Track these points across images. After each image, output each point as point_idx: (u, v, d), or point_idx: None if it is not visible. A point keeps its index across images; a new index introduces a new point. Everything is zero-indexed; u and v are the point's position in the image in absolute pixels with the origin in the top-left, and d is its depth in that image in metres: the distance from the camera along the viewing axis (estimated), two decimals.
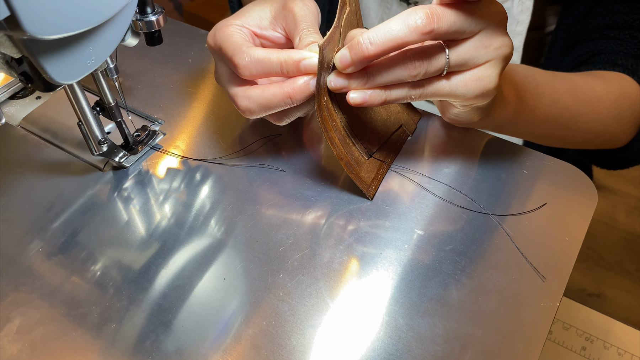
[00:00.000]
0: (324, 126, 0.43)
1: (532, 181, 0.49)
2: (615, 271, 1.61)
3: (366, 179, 0.48)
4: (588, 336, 0.65)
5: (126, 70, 0.61)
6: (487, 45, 0.39)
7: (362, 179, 0.47)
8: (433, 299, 0.41)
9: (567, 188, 0.49)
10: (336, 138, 0.45)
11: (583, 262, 1.57)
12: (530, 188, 0.49)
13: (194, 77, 0.60)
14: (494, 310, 0.41)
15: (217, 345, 0.39)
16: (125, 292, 0.42)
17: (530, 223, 0.46)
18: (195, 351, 0.39)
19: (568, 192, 0.48)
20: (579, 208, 0.47)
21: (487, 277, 0.43)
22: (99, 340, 0.40)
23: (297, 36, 0.44)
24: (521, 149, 0.52)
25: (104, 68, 0.45)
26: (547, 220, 0.46)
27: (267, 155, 0.52)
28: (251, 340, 0.39)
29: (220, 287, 0.42)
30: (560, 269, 0.43)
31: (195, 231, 0.46)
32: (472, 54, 0.39)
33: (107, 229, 0.47)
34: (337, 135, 0.45)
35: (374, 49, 0.37)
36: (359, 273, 0.43)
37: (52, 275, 0.43)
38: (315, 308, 0.41)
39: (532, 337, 0.39)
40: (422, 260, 0.44)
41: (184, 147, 0.53)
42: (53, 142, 0.54)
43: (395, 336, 0.40)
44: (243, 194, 0.49)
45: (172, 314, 0.41)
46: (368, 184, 0.48)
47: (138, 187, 0.50)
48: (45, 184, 0.50)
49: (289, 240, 0.45)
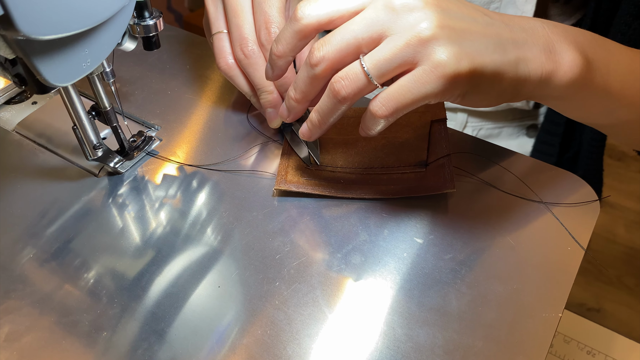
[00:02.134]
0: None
1: (533, 189, 0.48)
2: (615, 286, 1.60)
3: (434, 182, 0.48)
4: (590, 350, 0.64)
5: (123, 76, 0.61)
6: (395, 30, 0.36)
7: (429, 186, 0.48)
8: (432, 309, 0.41)
9: (569, 197, 0.48)
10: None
11: (582, 277, 1.56)
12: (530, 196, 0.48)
13: (192, 83, 0.60)
14: (495, 321, 0.40)
15: (211, 355, 0.38)
16: (117, 300, 0.41)
17: (532, 232, 0.45)
18: None
19: (569, 200, 0.48)
20: (581, 218, 0.46)
21: (487, 287, 0.42)
22: (91, 348, 0.39)
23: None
24: (520, 157, 0.51)
25: (100, 72, 0.44)
26: (548, 229, 0.45)
27: (264, 162, 0.51)
28: (246, 350, 0.38)
29: (215, 295, 0.41)
30: (561, 278, 0.42)
31: (190, 238, 0.45)
32: (383, 50, 0.36)
33: (101, 235, 0.46)
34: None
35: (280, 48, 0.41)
36: (357, 282, 0.42)
37: (44, 282, 0.43)
38: (311, 317, 0.40)
39: (534, 348, 0.38)
40: (422, 269, 0.43)
41: (180, 154, 0.52)
42: (48, 147, 0.53)
43: (394, 347, 0.39)
44: (240, 200, 0.48)
45: (166, 323, 0.40)
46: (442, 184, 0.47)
47: (133, 193, 0.49)
48: (39, 190, 0.49)
49: (285, 248, 0.44)
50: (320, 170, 0.50)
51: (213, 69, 0.62)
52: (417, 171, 0.49)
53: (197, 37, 0.66)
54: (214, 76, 0.61)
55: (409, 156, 0.50)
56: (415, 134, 0.52)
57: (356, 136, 0.52)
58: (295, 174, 0.49)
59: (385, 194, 0.47)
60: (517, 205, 0.47)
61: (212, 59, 0.51)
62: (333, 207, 0.47)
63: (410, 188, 0.48)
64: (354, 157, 0.50)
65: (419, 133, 0.52)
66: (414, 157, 0.50)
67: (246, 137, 0.54)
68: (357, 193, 0.47)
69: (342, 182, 0.48)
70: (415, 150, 0.50)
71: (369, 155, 0.50)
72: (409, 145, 0.51)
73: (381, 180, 0.49)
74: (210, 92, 0.59)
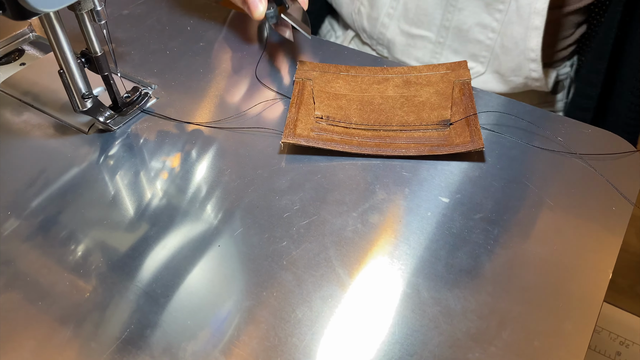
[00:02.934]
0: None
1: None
2: (628, 295, 1.54)
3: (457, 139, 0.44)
4: (623, 340, 0.59)
5: (120, 37, 0.56)
6: None
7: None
8: (463, 271, 0.35)
9: (606, 151, 0.43)
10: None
11: None
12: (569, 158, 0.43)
13: (192, 43, 0.55)
14: (534, 284, 0.35)
15: (210, 322, 0.33)
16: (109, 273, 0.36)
17: (570, 190, 0.40)
18: (183, 325, 0.33)
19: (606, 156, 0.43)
20: (624, 173, 0.41)
21: (524, 248, 0.37)
22: (78, 336, 0.34)
23: None
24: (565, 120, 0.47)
25: (89, 9, 0.40)
26: (589, 187, 0.41)
27: (271, 119, 0.47)
28: (248, 313, 0.33)
29: (213, 255, 0.36)
30: (606, 239, 0.37)
31: (188, 198, 0.40)
32: None
33: (90, 193, 0.41)
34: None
35: None
36: (375, 241, 0.37)
37: (25, 255, 0.38)
38: (324, 278, 0.35)
39: (582, 313, 0.33)
40: (449, 229, 0.38)
41: (178, 112, 0.48)
42: (34, 105, 0.49)
43: (419, 310, 0.33)
44: (243, 158, 0.43)
45: (158, 285, 0.35)
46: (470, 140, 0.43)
47: (126, 151, 0.44)
48: (22, 148, 0.45)
49: (294, 207, 0.39)
50: (333, 125, 0.45)
51: (215, 30, 0.57)
52: (440, 130, 0.44)
53: (199, 0, 0.62)
54: (217, 36, 0.56)
55: (431, 115, 0.45)
56: (437, 93, 0.47)
57: (372, 94, 0.48)
58: (305, 128, 0.44)
59: (406, 152, 0.42)
60: (553, 162, 0.42)
61: (215, 20, 0.48)
62: (347, 165, 0.42)
63: (433, 147, 0.43)
64: (370, 115, 0.46)
65: (442, 92, 0.47)
66: (436, 115, 0.45)
67: (252, 95, 0.49)
68: (373, 150, 0.43)
69: (357, 139, 0.44)
70: (438, 109, 0.46)
71: (386, 113, 0.46)
72: (430, 104, 0.46)
73: (400, 138, 0.44)
74: (211, 51, 0.55)
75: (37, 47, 0.57)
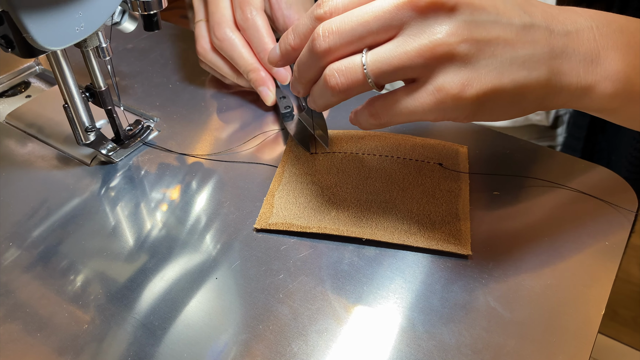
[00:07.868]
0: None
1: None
2: (631, 327, 1.53)
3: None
4: None
5: (124, 70, 0.58)
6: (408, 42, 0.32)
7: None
8: (457, 305, 0.36)
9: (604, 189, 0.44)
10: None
11: None
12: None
13: (195, 77, 0.57)
14: (528, 318, 0.35)
15: (207, 353, 0.33)
16: (107, 303, 0.37)
17: (565, 225, 0.41)
18: (180, 357, 0.33)
19: (604, 194, 0.43)
20: (618, 214, 0.42)
21: (518, 282, 0.37)
22: None
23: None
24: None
25: (95, 46, 0.41)
26: (583, 222, 0.41)
27: (267, 153, 0.48)
28: (244, 347, 0.34)
29: (211, 287, 0.37)
30: (600, 274, 0.38)
31: (188, 229, 0.41)
32: (390, 53, 0.32)
33: (91, 226, 0.42)
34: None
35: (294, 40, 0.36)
36: (372, 275, 0.38)
37: (25, 286, 0.38)
38: (320, 312, 0.35)
39: (576, 348, 0.33)
40: (444, 263, 0.38)
41: (179, 145, 0.49)
42: (38, 137, 0.50)
43: (414, 344, 0.34)
44: (242, 191, 0.44)
45: (155, 317, 0.35)
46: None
47: (127, 183, 0.45)
48: (24, 179, 0.45)
49: (291, 239, 0.40)
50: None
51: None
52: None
53: None
54: None
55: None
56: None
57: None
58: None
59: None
60: (548, 196, 0.43)
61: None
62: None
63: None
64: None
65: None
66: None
67: (252, 128, 0.50)
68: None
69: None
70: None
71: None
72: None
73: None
74: (214, 85, 0.56)
75: (42, 79, 0.58)
